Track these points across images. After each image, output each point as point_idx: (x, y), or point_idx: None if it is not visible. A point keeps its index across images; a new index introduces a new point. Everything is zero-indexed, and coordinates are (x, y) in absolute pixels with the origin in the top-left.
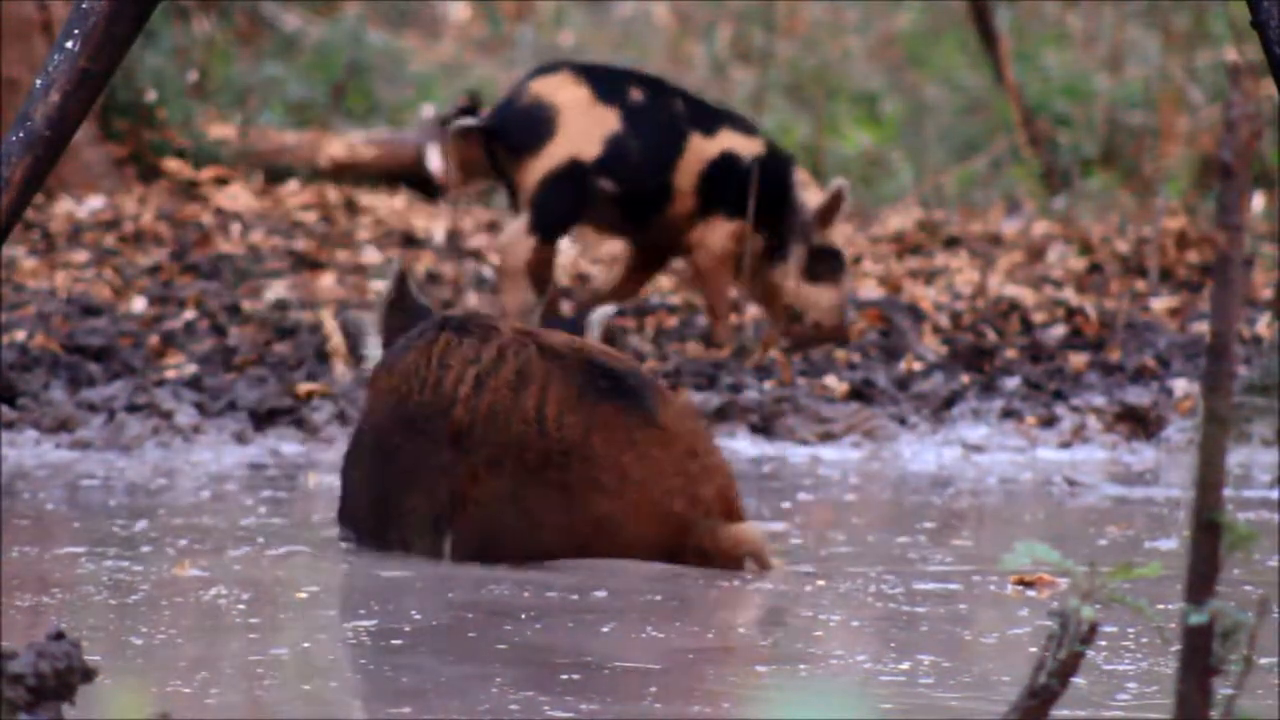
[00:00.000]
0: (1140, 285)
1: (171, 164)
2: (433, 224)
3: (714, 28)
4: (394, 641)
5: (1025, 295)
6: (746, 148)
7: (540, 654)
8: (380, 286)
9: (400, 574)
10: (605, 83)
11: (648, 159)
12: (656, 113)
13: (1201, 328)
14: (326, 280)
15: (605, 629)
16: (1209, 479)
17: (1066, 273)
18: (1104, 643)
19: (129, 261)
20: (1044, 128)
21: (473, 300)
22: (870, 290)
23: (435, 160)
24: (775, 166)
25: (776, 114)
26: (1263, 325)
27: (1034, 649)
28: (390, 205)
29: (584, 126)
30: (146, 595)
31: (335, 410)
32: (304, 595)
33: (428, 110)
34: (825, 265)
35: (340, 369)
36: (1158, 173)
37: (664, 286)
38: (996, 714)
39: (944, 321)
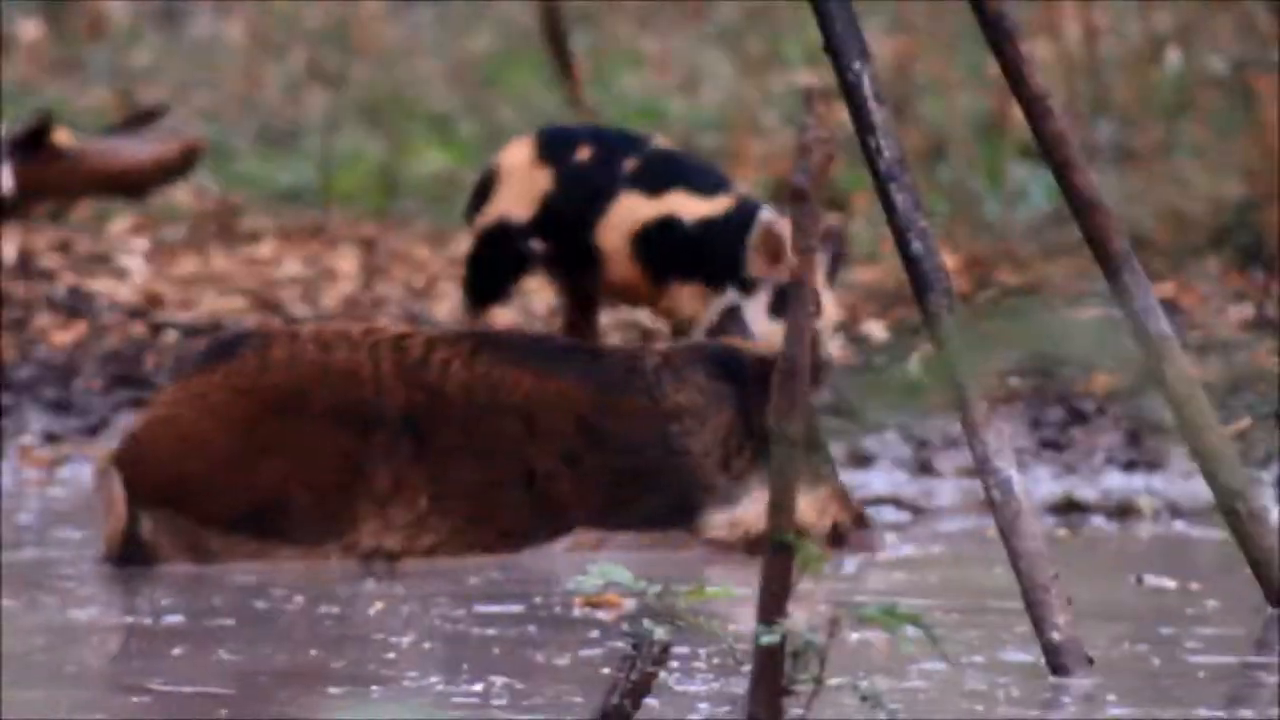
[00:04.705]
0: None
1: None
2: (4, 244)
3: (288, 49)
4: None
5: None
6: (697, 209)
7: (101, 676)
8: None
9: None
10: (552, 141)
11: (570, 218)
12: (594, 171)
13: None
14: None
15: (176, 650)
16: (780, 501)
17: None
18: (677, 664)
19: None
20: None
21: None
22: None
23: (7, 179)
24: (739, 223)
25: (351, 136)
26: (836, 347)
27: (607, 670)
28: None
29: (519, 188)
30: None
31: None
32: None
33: None
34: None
35: None
36: None
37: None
38: None
39: None
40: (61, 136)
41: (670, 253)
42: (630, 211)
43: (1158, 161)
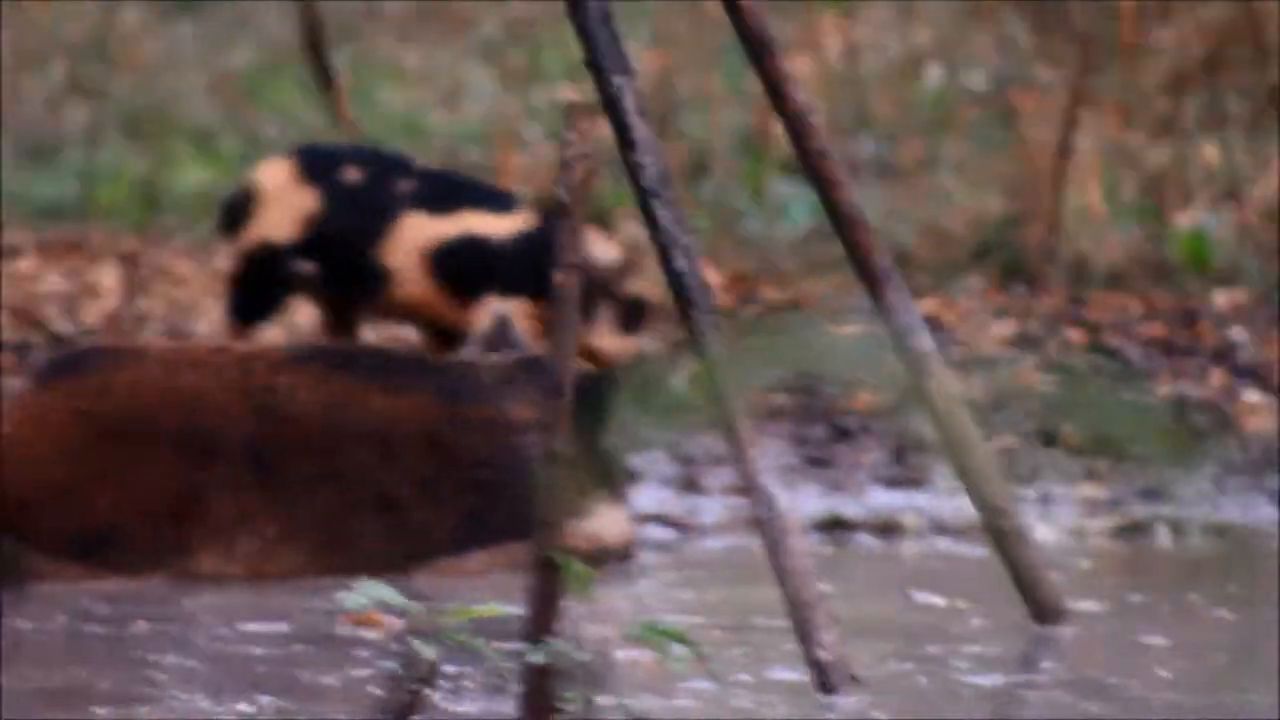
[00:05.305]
0: None
1: None
2: None
3: (48, 61)
4: None
5: None
6: (499, 226)
7: None
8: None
9: None
10: (314, 162)
11: (344, 239)
12: (369, 191)
13: None
14: None
15: None
16: (549, 518)
17: None
18: (445, 683)
19: None
20: None
21: None
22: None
23: None
24: (548, 236)
25: (113, 150)
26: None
27: (375, 690)
28: None
29: (281, 209)
30: None
31: None
32: None
33: None
34: (636, 314)
35: None
36: None
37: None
38: None
39: None
40: None
41: (481, 270)
42: (418, 230)
43: (919, 177)
